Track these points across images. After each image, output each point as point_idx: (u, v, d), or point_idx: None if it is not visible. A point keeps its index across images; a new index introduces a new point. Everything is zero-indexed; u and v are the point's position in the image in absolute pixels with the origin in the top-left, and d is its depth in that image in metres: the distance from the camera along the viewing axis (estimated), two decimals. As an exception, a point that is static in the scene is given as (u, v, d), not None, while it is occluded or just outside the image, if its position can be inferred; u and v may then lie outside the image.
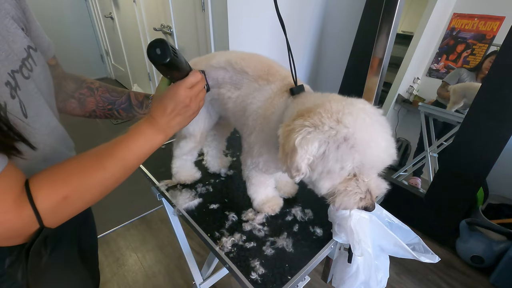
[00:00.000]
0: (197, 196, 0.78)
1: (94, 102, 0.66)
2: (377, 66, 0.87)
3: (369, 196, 0.49)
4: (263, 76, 0.62)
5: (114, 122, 3.00)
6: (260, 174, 0.68)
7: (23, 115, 0.40)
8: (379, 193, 0.50)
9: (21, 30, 0.42)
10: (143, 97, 0.70)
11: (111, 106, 0.68)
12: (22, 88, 0.40)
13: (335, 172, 0.46)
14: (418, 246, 0.68)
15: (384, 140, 0.45)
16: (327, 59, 2.22)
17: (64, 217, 0.41)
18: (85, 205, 0.43)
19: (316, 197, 0.53)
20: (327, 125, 0.44)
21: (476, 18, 1.64)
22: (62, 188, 0.39)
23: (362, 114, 0.45)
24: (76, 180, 0.41)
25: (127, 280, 1.46)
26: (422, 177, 2.07)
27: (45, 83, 0.47)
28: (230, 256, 0.61)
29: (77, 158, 0.44)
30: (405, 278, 1.49)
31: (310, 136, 0.44)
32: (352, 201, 0.48)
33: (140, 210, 1.87)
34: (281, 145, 0.48)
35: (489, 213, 1.59)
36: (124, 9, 2.85)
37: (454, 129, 1.74)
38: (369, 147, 0.44)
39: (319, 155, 0.45)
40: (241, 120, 0.66)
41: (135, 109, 0.70)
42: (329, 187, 0.49)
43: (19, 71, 0.40)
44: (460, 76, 1.72)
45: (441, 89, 1.84)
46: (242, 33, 1.69)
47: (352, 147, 0.43)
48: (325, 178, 0.47)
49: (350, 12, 1.91)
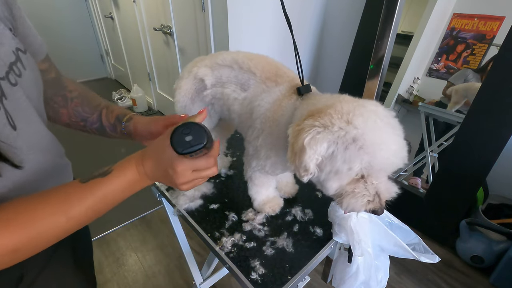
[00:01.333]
0: (198, 197, 0.78)
1: (67, 115, 0.57)
2: (377, 66, 0.87)
3: (377, 199, 0.48)
4: (271, 78, 0.61)
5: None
6: (264, 176, 0.68)
7: (11, 127, 0.36)
8: (388, 197, 0.50)
9: (8, 30, 0.39)
10: (114, 119, 0.61)
11: (84, 123, 0.59)
12: (9, 97, 0.36)
13: (342, 172, 0.45)
14: (418, 246, 0.69)
15: (395, 143, 0.45)
16: (327, 59, 2.22)
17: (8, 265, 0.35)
18: (37, 252, 0.38)
19: (316, 197, 0.53)
20: (336, 125, 0.44)
21: (476, 18, 1.64)
22: (12, 240, 0.33)
23: (373, 116, 0.45)
24: (32, 230, 0.35)
25: (127, 280, 1.46)
26: (421, 177, 2.07)
27: (35, 88, 0.43)
28: (230, 256, 0.61)
29: (40, 201, 0.37)
30: (405, 278, 1.49)
31: (319, 136, 0.44)
32: (360, 203, 0.48)
33: (140, 210, 1.87)
34: (290, 144, 0.48)
35: (489, 213, 1.59)
36: (124, 9, 2.85)
37: (454, 129, 1.74)
38: (378, 149, 0.43)
39: (328, 155, 0.45)
40: (247, 122, 0.65)
41: (107, 132, 0.61)
42: (336, 187, 0.48)
43: (5, 78, 0.36)
44: (466, 77, 1.72)
45: (446, 89, 1.83)
46: (242, 33, 1.69)
47: (360, 148, 0.43)
48: (333, 178, 0.47)
49: (350, 12, 1.91)
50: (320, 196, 0.79)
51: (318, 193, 0.80)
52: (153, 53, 2.71)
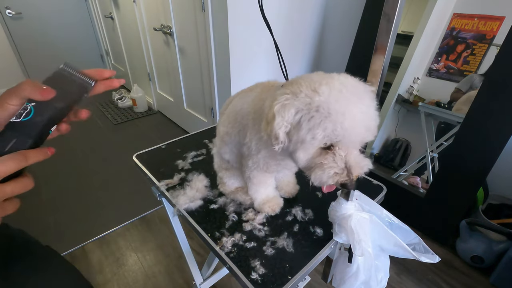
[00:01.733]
0: (198, 198, 0.78)
1: None
2: (377, 66, 0.87)
3: (346, 172, 0.48)
4: (246, 91, 0.66)
5: (114, 122, 3.00)
6: (261, 174, 0.68)
7: None
8: (360, 171, 0.49)
9: None
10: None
11: None
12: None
13: (307, 141, 0.46)
14: (418, 246, 0.68)
15: (361, 113, 0.45)
16: (327, 59, 2.22)
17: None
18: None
19: (316, 197, 0.53)
20: (303, 93, 0.45)
21: (476, 18, 1.64)
22: None
23: (339, 85, 0.45)
24: None
25: (127, 280, 1.46)
26: (421, 177, 2.07)
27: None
28: (230, 256, 0.61)
29: None
30: (405, 278, 1.49)
31: (287, 102, 0.45)
32: (326, 175, 0.47)
33: (140, 210, 1.87)
34: (265, 114, 0.49)
35: (489, 213, 1.59)
36: (124, 9, 2.85)
37: (454, 129, 1.73)
38: (342, 118, 0.43)
39: (296, 123, 0.46)
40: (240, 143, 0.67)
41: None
42: (304, 159, 0.48)
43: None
44: (473, 82, 1.71)
45: (454, 95, 1.83)
46: (242, 33, 1.69)
47: (324, 117, 0.43)
48: (300, 148, 0.47)
49: (350, 12, 1.91)
50: (320, 196, 0.79)
51: (318, 193, 0.80)
52: (153, 53, 2.71)
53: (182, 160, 0.93)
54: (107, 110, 3.29)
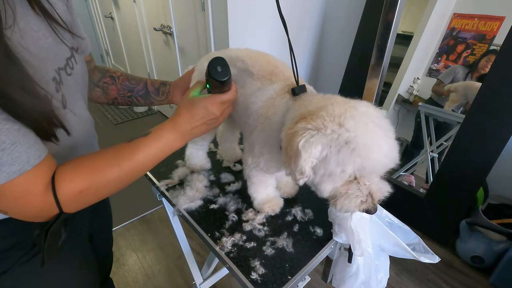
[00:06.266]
0: (198, 198, 0.78)
1: (116, 90, 0.73)
2: (377, 66, 0.87)
3: (370, 199, 0.49)
4: (267, 76, 0.62)
5: (114, 122, 3.00)
6: (261, 174, 0.68)
7: (62, 106, 0.46)
8: (381, 196, 0.50)
9: (67, 32, 0.49)
10: (159, 84, 0.76)
11: (130, 94, 0.74)
12: (65, 83, 0.47)
13: (336, 175, 0.46)
14: (418, 246, 0.69)
15: (386, 145, 0.45)
16: (327, 59, 2.22)
17: (80, 206, 0.46)
18: (99, 199, 0.48)
19: (316, 197, 0.53)
20: (329, 128, 0.44)
21: (476, 18, 1.64)
22: (79, 183, 0.43)
23: (364, 118, 0.45)
24: (93, 177, 0.45)
25: (127, 280, 1.46)
26: (416, 174, 2.07)
27: (81, 79, 0.54)
28: (230, 256, 0.61)
29: (97, 155, 0.47)
30: (405, 278, 1.49)
31: (313, 139, 0.44)
32: (353, 204, 0.48)
33: (140, 210, 1.87)
34: (284, 148, 0.48)
35: (489, 213, 1.59)
36: (124, 9, 2.85)
37: (454, 129, 1.74)
38: (370, 152, 0.44)
39: (322, 158, 0.45)
40: (243, 118, 0.66)
41: (152, 96, 0.76)
42: (330, 189, 0.49)
43: (63, 69, 0.46)
44: (456, 74, 1.72)
45: (436, 87, 1.84)
46: (242, 33, 1.69)
47: (353, 151, 0.43)
48: (326, 181, 0.48)
49: (350, 12, 1.91)
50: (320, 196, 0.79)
51: (318, 193, 0.80)
52: (153, 53, 2.71)
53: (182, 160, 0.93)
54: (107, 110, 3.29)
